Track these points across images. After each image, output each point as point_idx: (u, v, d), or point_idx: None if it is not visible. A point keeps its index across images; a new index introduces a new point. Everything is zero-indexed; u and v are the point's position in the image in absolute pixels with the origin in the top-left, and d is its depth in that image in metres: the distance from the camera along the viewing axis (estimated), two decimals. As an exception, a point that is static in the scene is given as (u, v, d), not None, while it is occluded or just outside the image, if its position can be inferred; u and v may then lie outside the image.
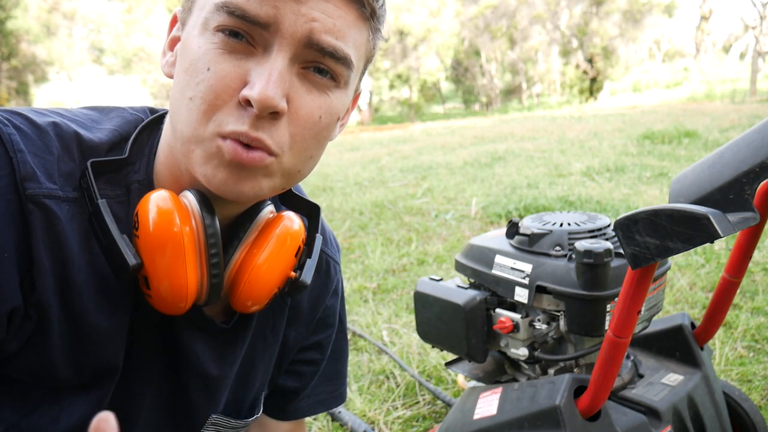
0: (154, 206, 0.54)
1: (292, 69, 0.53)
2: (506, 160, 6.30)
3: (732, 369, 1.77)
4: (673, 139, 6.58)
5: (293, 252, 0.63)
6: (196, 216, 0.56)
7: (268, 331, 0.75)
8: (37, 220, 0.52)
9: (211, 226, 0.56)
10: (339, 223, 3.97)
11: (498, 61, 25.46)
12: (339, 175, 6.10)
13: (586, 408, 0.99)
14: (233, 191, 0.54)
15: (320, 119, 0.56)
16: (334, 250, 0.83)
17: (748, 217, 0.70)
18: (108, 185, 0.58)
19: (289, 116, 0.54)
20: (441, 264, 3.02)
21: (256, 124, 0.52)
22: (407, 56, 23.27)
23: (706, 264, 2.64)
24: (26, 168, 0.52)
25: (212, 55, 0.52)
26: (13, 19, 20.09)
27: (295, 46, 0.52)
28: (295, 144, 0.55)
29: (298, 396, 0.86)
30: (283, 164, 0.56)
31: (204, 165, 0.54)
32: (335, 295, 0.85)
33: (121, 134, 0.61)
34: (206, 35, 0.52)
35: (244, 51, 0.52)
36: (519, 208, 3.89)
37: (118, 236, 0.53)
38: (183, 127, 0.54)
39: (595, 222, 1.19)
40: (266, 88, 0.50)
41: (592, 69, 22.14)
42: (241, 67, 0.52)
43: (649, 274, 0.82)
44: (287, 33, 0.51)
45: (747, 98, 12.29)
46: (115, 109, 0.65)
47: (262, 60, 0.52)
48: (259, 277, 0.60)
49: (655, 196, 4.10)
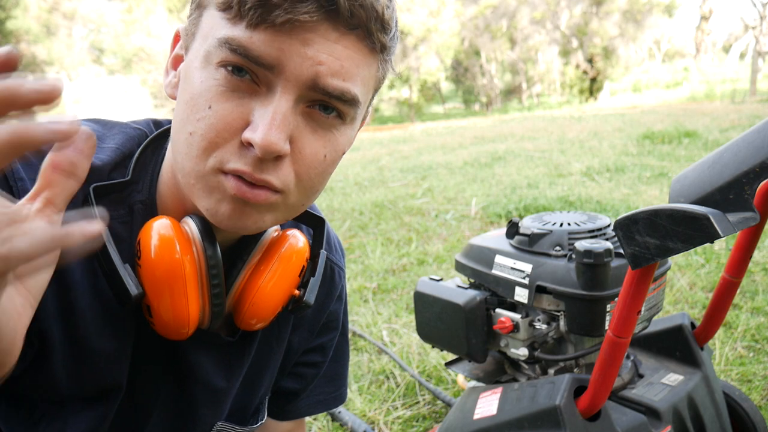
0: (156, 235, 0.54)
1: (297, 109, 0.51)
2: (506, 160, 6.31)
3: (732, 369, 1.77)
4: (673, 139, 6.59)
5: (297, 271, 0.63)
6: (198, 245, 0.56)
7: (273, 340, 0.75)
8: None
9: (213, 257, 0.56)
10: (339, 223, 3.97)
11: (498, 61, 25.47)
12: (339, 175, 6.10)
13: (586, 408, 0.99)
14: (236, 226, 0.54)
15: (325, 158, 0.54)
16: (339, 257, 0.83)
17: (748, 217, 0.70)
18: (111, 205, 0.58)
19: (293, 156, 0.52)
20: (441, 264, 3.02)
21: (260, 166, 0.50)
22: (407, 56, 23.29)
23: (706, 264, 2.64)
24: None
25: (214, 92, 0.50)
26: (13, 19, 20.11)
27: (300, 88, 0.50)
28: (301, 183, 0.54)
29: (298, 397, 0.86)
30: (288, 201, 0.55)
31: (206, 199, 0.53)
32: (339, 300, 0.85)
33: (123, 153, 0.60)
34: (209, 69, 0.50)
35: (247, 89, 0.50)
36: (519, 208, 3.89)
37: (120, 266, 0.53)
38: (182, 160, 0.53)
39: (595, 222, 1.19)
40: (269, 133, 0.48)
41: (592, 69, 22.15)
42: (244, 106, 0.50)
43: (649, 274, 0.82)
44: (292, 76, 0.49)
45: (747, 98, 12.29)
46: (117, 125, 0.64)
47: (266, 101, 0.50)
48: (263, 299, 0.60)
49: (655, 196, 4.10)
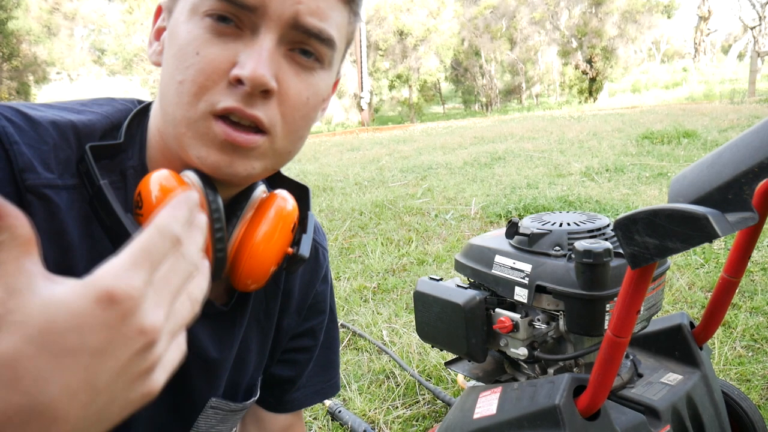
0: (157, 184, 0.55)
1: (279, 50, 0.54)
2: (506, 160, 6.30)
3: (731, 368, 1.77)
4: (673, 139, 6.59)
5: (290, 228, 0.64)
6: (200, 192, 0.56)
7: (261, 314, 0.76)
8: (37, 210, 0.53)
9: (215, 202, 0.56)
10: (339, 223, 3.97)
11: (497, 62, 25.46)
12: (339, 175, 6.10)
13: (585, 407, 0.99)
14: (226, 172, 0.55)
15: (308, 100, 0.58)
16: (322, 237, 0.85)
17: (746, 217, 0.70)
18: (104, 171, 0.58)
19: (279, 97, 0.55)
20: (441, 264, 3.02)
21: (249, 101, 0.53)
22: (407, 56, 23.27)
23: (705, 264, 2.65)
24: (23, 159, 0.52)
25: (201, 39, 0.53)
26: (14, 19, 20.08)
27: (282, 27, 0.53)
28: (287, 125, 0.57)
29: (294, 385, 0.87)
30: (275, 145, 0.57)
31: (196, 146, 0.55)
32: (325, 282, 0.86)
33: (112, 121, 0.62)
34: (194, 20, 0.53)
35: (232, 34, 0.53)
36: (519, 208, 3.90)
37: (122, 214, 0.54)
38: (173, 109, 0.55)
39: (594, 222, 1.19)
40: (257, 66, 0.51)
41: (592, 69, 22.14)
42: (230, 49, 0.53)
43: (648, 273, 0.83)
44: (274, 15, 0.52)
45: (746, 98, 12.28)
46: (105, 99, 0.66)
47: (251, 42, 0.53)
48: (259, 254, 0.61)
49: (655, 196, 4.10)
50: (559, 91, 26.55)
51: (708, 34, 31.25)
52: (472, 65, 25.61)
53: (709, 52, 33.49)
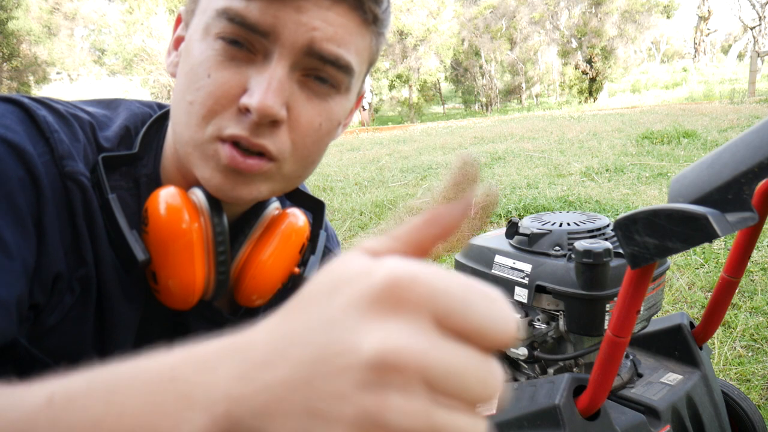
0: (164, 202, 0.55)
1: (293, 76, 0.53)
2: (506, 160, 6.30)
3: (731, 368, 1.77)
4: (672, 139, 6.59)
5: (297, 248, 0.64)
6: (205, 213, 0.56)
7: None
8: (75, 195, 0.53)
9: (220, 224, 0.56)
10: (339, 223, 3.97)
11: (497, 62, 25.47)
12: (339, 175, 6.10)
13: (585, 407, 0.99)
14: (229, 196, 0.55)
15: (320, 126, 0.56)
16: (335, 245, 0.85)
17: (746, 217, 0.70)
18: (118, 178, 0.59)
19: (290, 124, 0.54)
20: (441, 264, 3.02)
21: (256, 131, 0.52)
22: (407, 57, 23.29)
23: (705, 264, 2.65)
24: (63, 147, 0.53)
25: (212, 61, 0.52)
26: (14, 20, 20.09)
27: (296, 54, 0.51)
28: (296, 151, 0.55)
29: None
30: (284, 170, 0.56)
31: (201, 167, 0.54)
32: None
33: (128, 128, 0.62)
34: (207, 41, 0.52)
35: (244, 58, 0.52)
36: (518, 208, 3.90)
37: (127, 231, 0.54)
38: (182, 129, 0.55)
39: (594, 222, 1.19)
40: (265, 97, 0.50)
41: (592, 69, 22.15)
42: (241, 74, 0.52)
43: (648, 273, 0.83)
44: (287, 42, 0.50)
45: (746, 98, 12.28)
46: (123, 103, 0.66)
47: (262, 68, 0.51)
48: (264, 273, 0.61)
49: (654, 196, 4.10)
50: (559, 91, 26.55)
51: (708, 34, 31.25)
52: (472, 65, 25.61)
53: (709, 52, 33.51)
